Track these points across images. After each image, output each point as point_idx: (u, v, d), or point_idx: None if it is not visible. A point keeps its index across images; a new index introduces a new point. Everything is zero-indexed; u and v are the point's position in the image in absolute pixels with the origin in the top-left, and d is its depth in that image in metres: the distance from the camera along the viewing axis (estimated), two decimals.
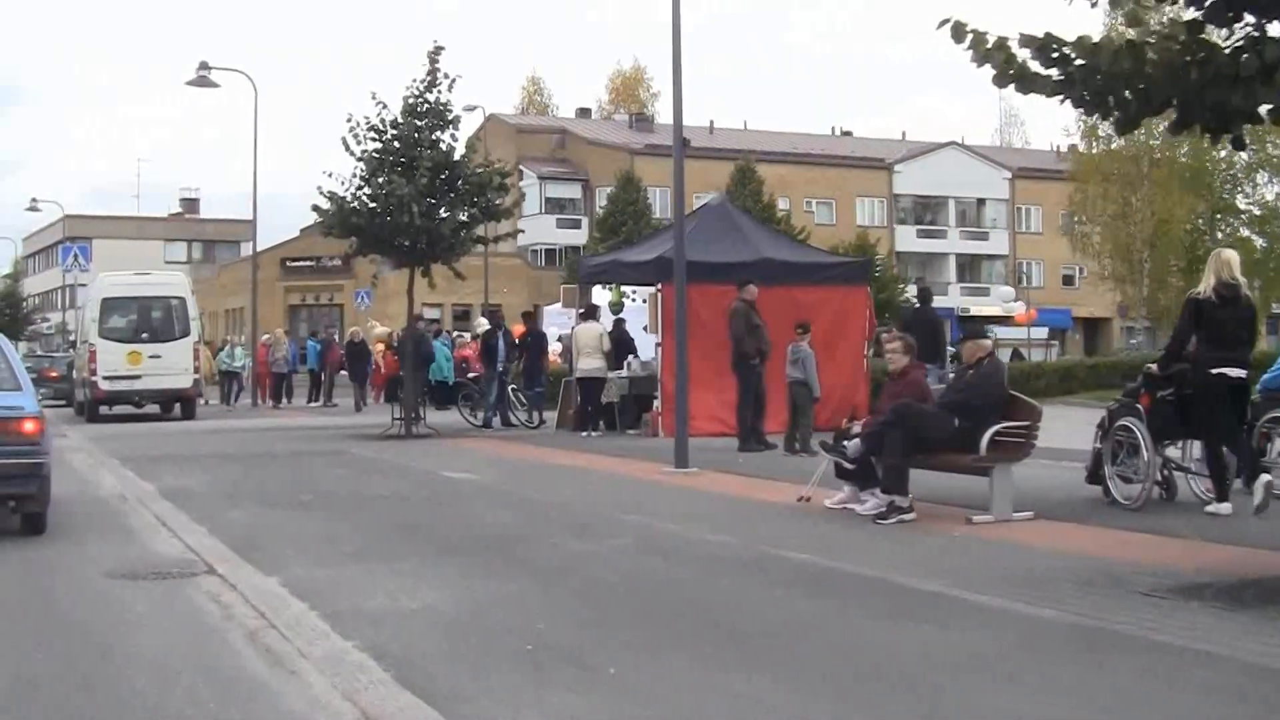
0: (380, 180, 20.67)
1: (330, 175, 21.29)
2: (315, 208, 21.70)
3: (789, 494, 12.51)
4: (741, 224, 22.11)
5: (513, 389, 23.70)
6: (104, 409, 27.65)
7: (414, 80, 21.30)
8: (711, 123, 75.34)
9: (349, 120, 21.09)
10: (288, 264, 58.00)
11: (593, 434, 20.42)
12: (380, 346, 31.28)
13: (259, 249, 65.99)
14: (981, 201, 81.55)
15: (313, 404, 32.51)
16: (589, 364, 20.69)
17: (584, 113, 79.67)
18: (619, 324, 21.92)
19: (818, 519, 11.08)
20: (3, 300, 68.77)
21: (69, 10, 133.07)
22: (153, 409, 28.40)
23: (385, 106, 21.16)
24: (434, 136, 21.24)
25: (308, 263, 57.85)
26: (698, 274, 20.38)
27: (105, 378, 26.79)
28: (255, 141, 32.34)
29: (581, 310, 23.18)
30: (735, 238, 21.34)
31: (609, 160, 67.93)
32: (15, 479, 9.86)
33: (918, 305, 20.48)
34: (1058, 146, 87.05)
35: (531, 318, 24.24)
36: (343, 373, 33.18)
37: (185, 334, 27.43)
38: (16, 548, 10.06)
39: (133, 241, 75.09)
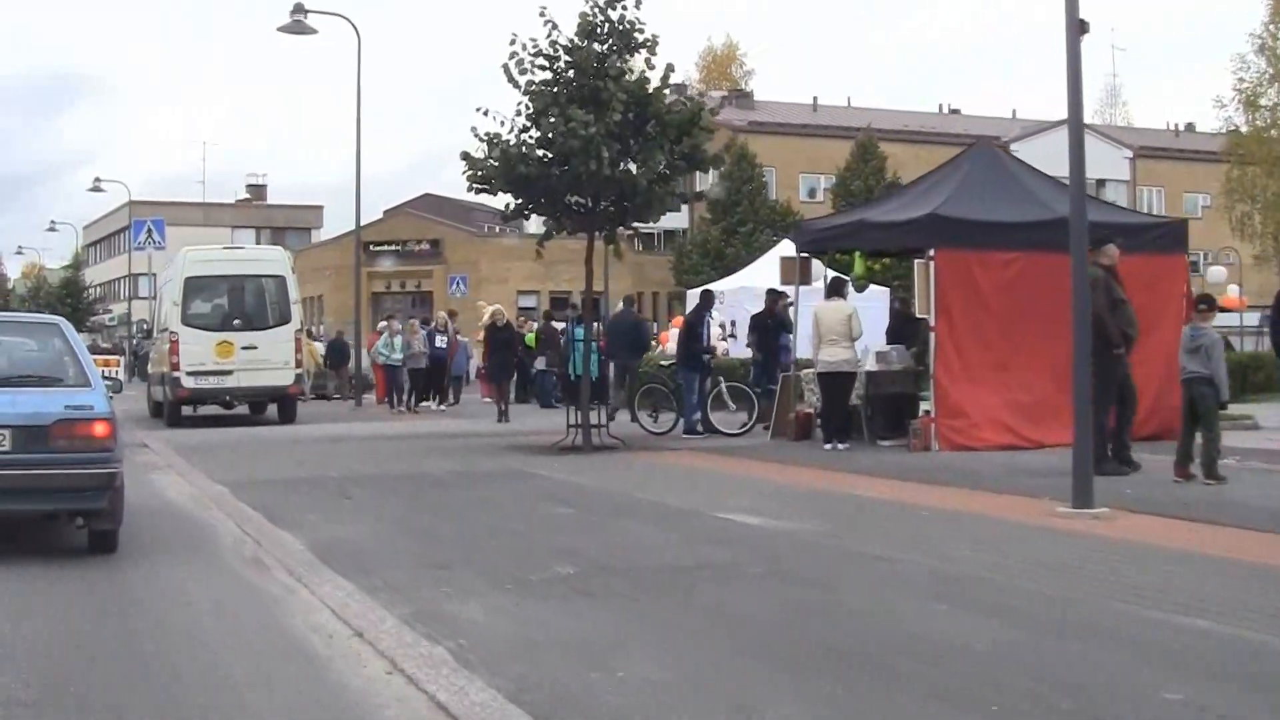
0: (553, 119, 15.73)
1: (486, 113, 16.40)
2: (465, 155, 16.82)
3: None
4: (1020, 175, 16.99)
5: (728, 386, 18.70)
6: (186, 410, 22.94)
7: None
8: (815, 99, 70.20)
9: (512, 43, 16.21)
10: (371, 248, 53.20)
11: (838, 446, 15.44)
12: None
13: (335, 235, 61.77)
14: (1101, 182, 75.55)
15: (424, 404, 27.66)
16: (835, 354, 15.66)
17: (678, 90, 74.46)
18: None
19: None
20: (64, 290, 64.68)
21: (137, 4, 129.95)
22: (239, 408, 23.72)
23: (556, 27, 16.26)
24: (619, 64, 16.28)
25: (392, 247, 53.11)
26: (976, 237, 15.47)
27: (190, 373, 22.02)
28: (359, 91, 27.18)
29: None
30: (1017, 192, 16.28)
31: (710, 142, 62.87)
32: (85, 492, 8.24)
33: None
34: (1175, 125, 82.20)
35: (778, 298, 19.05)
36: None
37: (285, 320, 22.61)
38: (106, 683, 5.26)
39: (199, 229, 70.85)
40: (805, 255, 17.80)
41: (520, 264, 55.40)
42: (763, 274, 29.93)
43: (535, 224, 75.48)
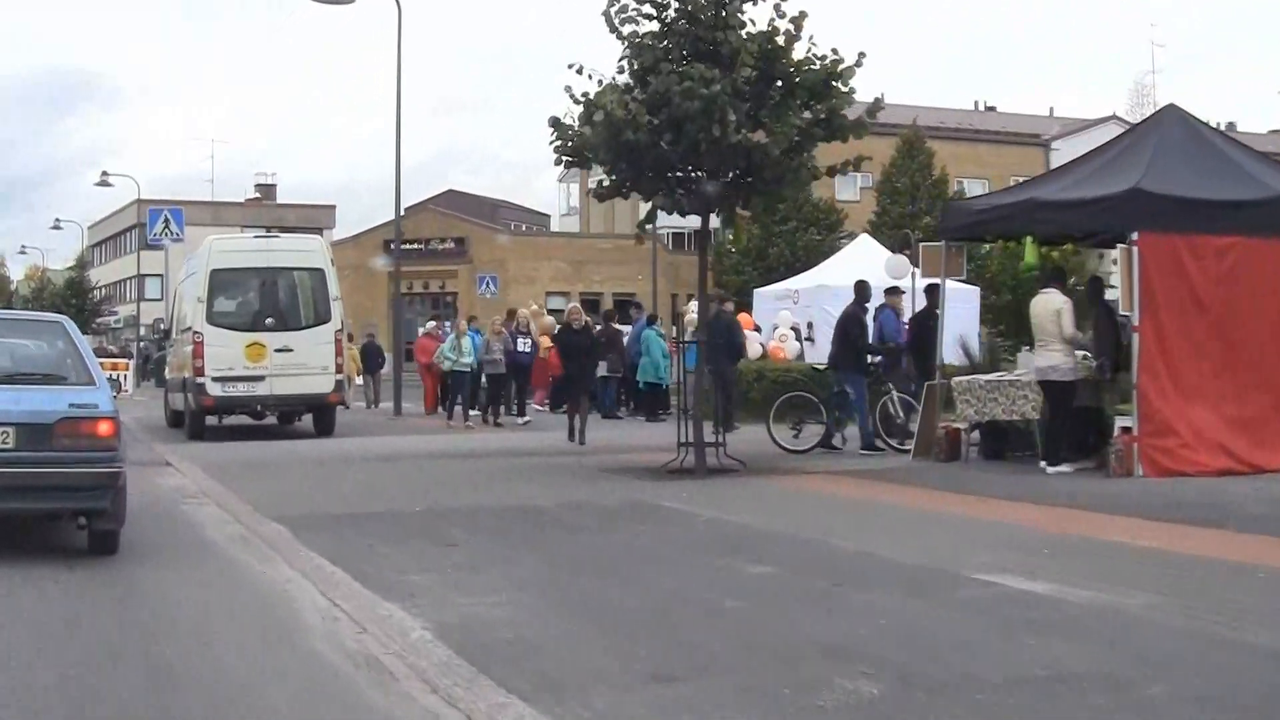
0: (667, 75, 12.99)
1: (580, 70, 13.70)
2: (555, 122, 14.15)
3: None
4: (1220, 144, 14.25)
5: (899, 395, 15.89)
6: (209, 420, 20.13)
7: None
8: None
9: None
10: (392, 246, 50.49)
11: (1059, 468, 12.72)
12: (545, 340, 23.43)
13: (353, 234, 58.95)
14: None
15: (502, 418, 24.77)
16: (1047, 359, 12.90)
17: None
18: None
19: None
20: (68, 290, 62.00)
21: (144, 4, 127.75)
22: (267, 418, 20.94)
23: None
24: (740, 13, 13.56)
25: (415, 245, 50.30)
26: (1185, 218, 12.68)
27: (216, 379, 19.21)
28: (399, 64, 24.66)
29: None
30: (1222, 164, 13.53)
31: None
32: (88, 491, 8.05)
33: None
34: (1217, 124, 79.36)
35: (934, 291, 16.11)
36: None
37: (324, 319, 19.79)
38: None
39: (209, 228, 68.05)
40: (956, 243, 15.01)
41: (549, 263, 52.77)
42: (842, 270, 27.23)
43: (557, 221, 72.28)
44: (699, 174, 13.82)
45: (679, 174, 13.88)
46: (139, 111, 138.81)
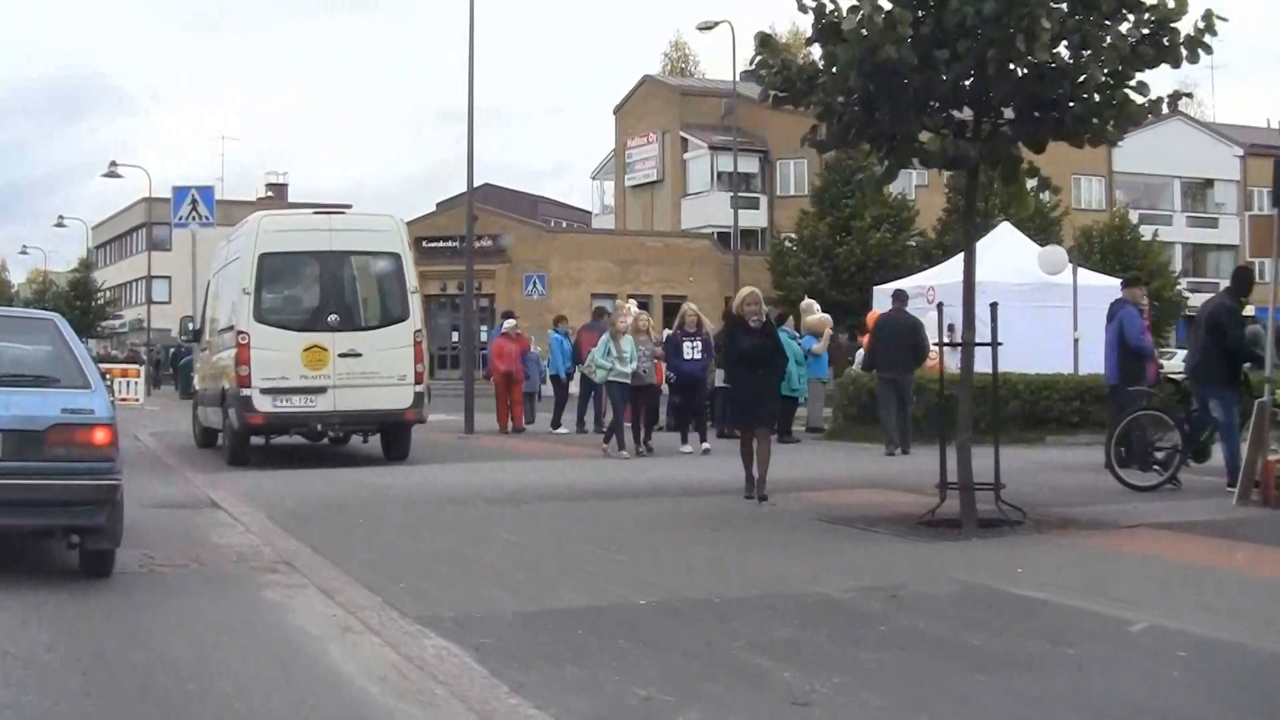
0: None
1: None
2: (765, 41, 10.31)
3: None
4: None
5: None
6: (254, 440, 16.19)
7: None
8: None
9: None
10: (424, 245, 46.61)
11: None
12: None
13: None
14: (1209, 183, 69.50)
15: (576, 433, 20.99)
16: None
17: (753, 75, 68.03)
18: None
19: None
20: (73, 292, 58.24)
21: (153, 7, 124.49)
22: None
23: None
24: None
25: (448, 244, 46.45)
26: None
27: (266, 390, 15.22)
28: (471, 47, 20.76)
29: None
30: None
31: (791, 128, 56.10)
32: (81, 506, 7.39)
33: None
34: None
35: None
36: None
37: (401, 316, 15.83)
38: None
39: (220, 228, 64.23)
40: None
41: (594, 263, 48.92)
42: (986, 264, 23.37)
43: (593, 220, 68.44)
44: (952, 113, 10.01)
45: (953, 107, 10.04)
46: (148, 116, 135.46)
